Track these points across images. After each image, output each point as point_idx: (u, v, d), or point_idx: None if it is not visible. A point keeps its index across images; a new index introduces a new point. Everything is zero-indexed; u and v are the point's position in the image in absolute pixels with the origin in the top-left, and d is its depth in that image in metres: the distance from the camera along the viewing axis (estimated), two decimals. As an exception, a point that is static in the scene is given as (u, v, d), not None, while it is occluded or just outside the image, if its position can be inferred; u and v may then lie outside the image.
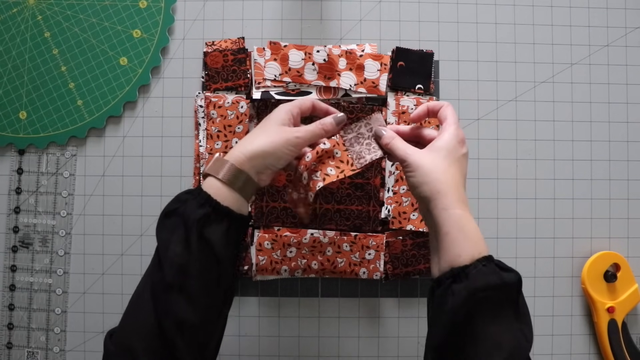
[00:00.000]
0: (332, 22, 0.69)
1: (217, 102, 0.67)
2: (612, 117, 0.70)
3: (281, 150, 0.52)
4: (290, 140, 0.52)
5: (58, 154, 0.69)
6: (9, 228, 0.69)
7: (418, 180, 0.50)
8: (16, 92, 0.68)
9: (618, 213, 0.69)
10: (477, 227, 0.49)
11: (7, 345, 0.68)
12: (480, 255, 0.47)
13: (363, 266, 0.67)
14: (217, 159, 0.51)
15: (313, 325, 0.68)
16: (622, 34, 0.70)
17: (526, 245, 0.69)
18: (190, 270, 0.47)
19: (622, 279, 0.67)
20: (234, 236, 0.50)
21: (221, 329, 0.51)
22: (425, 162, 0.51)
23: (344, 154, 0.56)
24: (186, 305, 0.47)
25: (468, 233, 0.48)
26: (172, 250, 0.47)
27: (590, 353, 0.68)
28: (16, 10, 0.68)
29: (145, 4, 0.68)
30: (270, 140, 0.52)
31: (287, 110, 0.54)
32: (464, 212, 0.49)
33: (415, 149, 0.52)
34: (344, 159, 0.56)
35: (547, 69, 0.70)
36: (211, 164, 0.51)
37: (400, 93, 0.68)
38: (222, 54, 0.68)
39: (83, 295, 0.68)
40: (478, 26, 0.70)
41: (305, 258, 0.67)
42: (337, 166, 0.55)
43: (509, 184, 0.69)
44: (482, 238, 0.49)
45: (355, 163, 0.56)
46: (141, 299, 0.48)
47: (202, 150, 0.67)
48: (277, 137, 0.52)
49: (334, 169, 0.55)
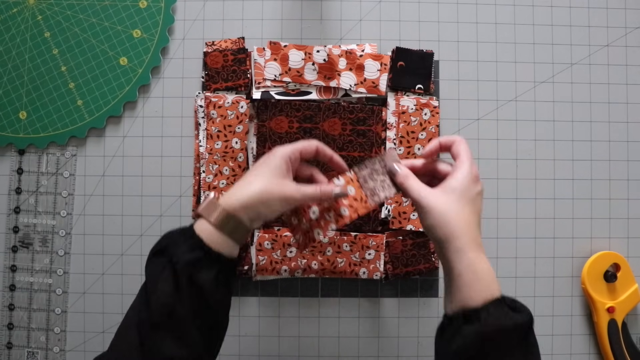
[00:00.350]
0: (332, 22, 0.69)
1: (217, 102, 0.67)
2: (612, 117, 0.70)
3: (275, 205, 0.51)
4: (285, 197, 0.51)
5: (58, 154, 0.69)
6: (9, 228, 0.69)
7: (431, 222, 0.50)
8: (16, 92, 0.68)
9: (618, 213, 0.69)
10: (490, 269, 0.49)
11: (7, 345, 0.68)
12: (493, 297, 0.47)
13: (363, 266, 0.67)
14: (211, 201, 0.51)
15: (313, 325, 0.68)
16: (622, 34, 0.70)
17: (526, 245, 0.69)
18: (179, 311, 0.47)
19: (622, 279, 0.67)
20: (223, 279, 0.50)
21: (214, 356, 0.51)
22: (439, 204, 0.50)
23: (359, 191, 0.55)
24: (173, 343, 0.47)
25: (480, 275, 0.48)
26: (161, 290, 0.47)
27: (590, 353, 0.68)
28: (16, 10, 0.68)
29: (145, 4, 0.68)
30: (265, 191, 0.51)
31: (285, 157, 0.53)
32: (477, 254, 0.49)
33: (429, 190, 0.51)
34: (358, 197, 0.55)
35: (547, 69, 0.70)
36: (204, 206, 0.50)
37: (400, 93, 0.68)
38: (222, 54, 0.68)
39: (83, 295, 0.68)
40: (478, 26, 0.70)
41: (305, 258, 0.67)
42: (351, 205, 0.55)
43: (509, 184, 0.69)
44: (495, 279, 0.49)
45: (369, 200, 0.55)
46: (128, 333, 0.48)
47: (202, 150, 0.67)
48: (273, 190, 0.51)
49: (347, 209, 0.54)
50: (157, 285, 0.48)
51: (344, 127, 0.67)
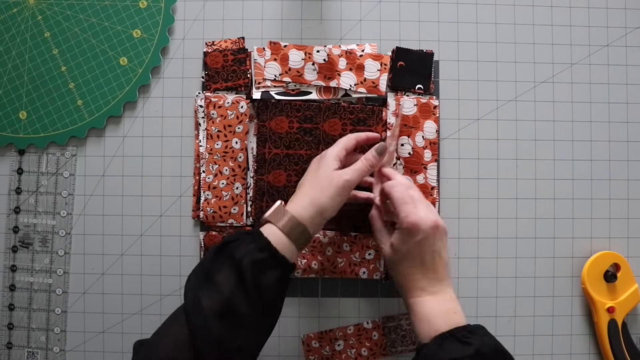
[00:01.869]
0: (332, 22, 0.69)
1: (217, 102, 0.67)
2: (612, 117, 0.70)
3: (336, 200, 0.55)
4: (342, 186, 0.55)
5: (58, 154, 0.69)
6: (9, 228, 0.69)
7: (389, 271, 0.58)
8: (16, 92, 0.68)
9: (618, 213, 0.69)
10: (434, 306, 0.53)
11: (7, 345, 0.68)
12: (437, 334, 0.51)
13: (363, 266, 0.67)
14: (279, 208, 0.54)
15: (313, 325, 0.68)
16: (622, 34, 0.70)
17: (526, 245, 0.69)
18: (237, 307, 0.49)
19: (622, 279, 0.67)
20: (283, 283, 0.53)
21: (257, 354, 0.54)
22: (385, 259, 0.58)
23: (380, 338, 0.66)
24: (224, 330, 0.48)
25: (422, 317, 0.53)
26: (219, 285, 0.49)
27: (590, 353, 0.68)
28: (16, 10, 0.68)
29: (145, 4, 0.68)
30: (326, 195, 0.55)
31: (335, 157, 0.58)
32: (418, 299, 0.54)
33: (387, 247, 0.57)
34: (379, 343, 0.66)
35: (547, 69, 0.70)
36: (272, 212, 0.54)
37: (400, 93, 0.68)
38: (222, 54, 0.68)
39: (83, 295, 0.68)
40: (478, 26, 0.70)
41: (305, 258, 0.67)
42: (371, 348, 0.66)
43: (509, 184, 0.69)
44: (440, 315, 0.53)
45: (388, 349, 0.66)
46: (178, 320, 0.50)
47: (202, 150, 0.67)
48: (331, 189, 0.55)
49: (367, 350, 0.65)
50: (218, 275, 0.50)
51: (344, 128, 0.67)
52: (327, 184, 0.55)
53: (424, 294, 0.54)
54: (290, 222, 0.53)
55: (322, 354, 0.66)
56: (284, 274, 0.52)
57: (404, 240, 0.54)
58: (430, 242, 0.54)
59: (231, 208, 0.67)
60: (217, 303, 0.48)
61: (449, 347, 0.49)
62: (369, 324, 0.67)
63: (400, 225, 0.54)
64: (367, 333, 0.67)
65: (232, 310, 0.49)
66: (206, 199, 0.67)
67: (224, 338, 0.48)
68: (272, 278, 0.51)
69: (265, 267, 0.50)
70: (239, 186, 0.67)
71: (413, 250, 0.54)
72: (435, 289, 0.54)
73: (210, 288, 0.49)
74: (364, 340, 0.67)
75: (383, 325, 0.67)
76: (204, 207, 0.67)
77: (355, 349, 0.66)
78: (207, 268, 0.51)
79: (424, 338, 0.52)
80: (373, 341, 0.67)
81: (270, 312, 0.52)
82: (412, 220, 0.53)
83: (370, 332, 0.67)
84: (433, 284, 0.54)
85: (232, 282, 0.49)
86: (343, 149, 0.59)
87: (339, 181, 0.55)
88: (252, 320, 0.50)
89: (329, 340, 0.67)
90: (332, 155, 0.58)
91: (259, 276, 0.50)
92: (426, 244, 0.54)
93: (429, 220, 0.53)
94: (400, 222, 0.54)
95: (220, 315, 0.48)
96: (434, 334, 0.51)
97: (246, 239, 0.52)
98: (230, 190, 0.67)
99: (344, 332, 0.67)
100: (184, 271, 0.68)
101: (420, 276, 0.54)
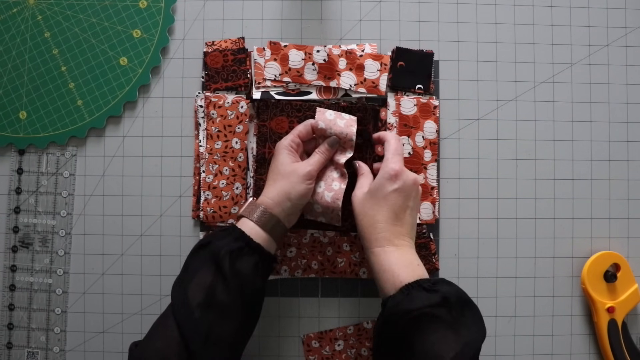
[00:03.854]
0: (332, 22, 0.69)
1: (217, 102, 0.67)
2: (612, 117, 0.70)
3: (301, 187, 0.57)
4: (304, 174, 0.57)
5: (58, 154, 0.69)
6: (9, 228, 0.69)
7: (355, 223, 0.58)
8: (16, 92, 0.68)
9: (618, 213, 0.69)
10: (398, 257, 0.54)
11: (7, 345, 0.68)
12: (402, 284, 0.51)
13: (363, 266, 0.67)
14: (251, 202, 0.58)
15: (313, 325, 0.68)
16: (622, 34, 0.70)
17: (526, 245, 0.69)
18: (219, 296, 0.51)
19: (622, 279, 0.67)
20: (262, 271, 0.55)
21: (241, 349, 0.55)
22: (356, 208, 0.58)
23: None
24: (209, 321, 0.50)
25: (385, 267, 0.53)
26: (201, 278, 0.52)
27: (590, 353, 0.68)
28: (16, 10, 0.68)
29: (145, 4, 0.68)
30: (288, 181, 0.57)
31: (287, 147, 0.59)
32: (382, 249, 0.54)
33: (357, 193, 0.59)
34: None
35: (547, 69, 0.70)
36: (245, 207, 0.57)
37: (400, 93, 0.68)
38: (222, 54, 0.68)
39: (83, 295, 0.68)
40: (478, 26, 0.70)
41: (305, 258, 0.67)
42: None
43: (509, 184, 0.69)
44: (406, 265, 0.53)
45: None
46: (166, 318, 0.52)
47: (202, 150, 0.67)
48: (293, 177, 0.57)
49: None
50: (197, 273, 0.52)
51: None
52: (290, 176, 0.57)
53: (388, 244, 0.55)
54: (263, 215, 0.56)
55: (322, 354, 0.66)
56: (262, 262, 0.55)
57: (383, 185, 0.56)
58: (406, 195, 0.56)
59: (231, 208, 0.67)
60: (200, 294, 0.50)
61: (416, 297, 0.50)
62: (369, 324, 0.67)
63: (384, 170, 0.57)
64: (367, 333, 0.67)
65: (215, 300, 0.51)
66: (206, 199, 0.67)
67: (210, 329, 0.50)
68: (249, 265, 0.53)
69: (241, 255, 0.53)
70: (239, 186, 0.67)
71: (389, 197, 0.56)
72: (399, 242, 0.55)
73: (193, 283, 0.51)
74: (364, 340, 0.67)
75: None
76: (204, 207, 0.67)
77: (355, 349, 0.66)
78: (188, 266, 0.54)
79: (388, 290, 0.52)
80: None
81: (251, 300, 0.54)
82: (398, 168, 0.56)
83: (370, 332, 0.67)
84: (398, 237, 0.55)
85: (212, 274, 0.51)
86: (297, 137, 0.60)
87: (303, 171, 0.57)
88: (235, 309, 0.52)
89: (329, 340, 0.67)
90: (284, 147, 0.59)
91: (235, 264, 0.52)
92: (401, 195, 0.56)
93: (411, 175, 0.57)
94: (387, 168, 0.57)
95: (205, 306, 0.50)
96: (399, 285, 0.51)
97: (221, 234, 0.55)
98: (230, 190, 0.67)
99: (344, 332, 0.67)
100: (184, 271, 0.68)
101: (388, 226, 0.55)
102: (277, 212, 0.56)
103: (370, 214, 0.56)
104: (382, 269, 0.54)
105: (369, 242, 0.56)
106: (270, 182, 0.59)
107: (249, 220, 0.56)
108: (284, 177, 0.57)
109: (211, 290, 0.51)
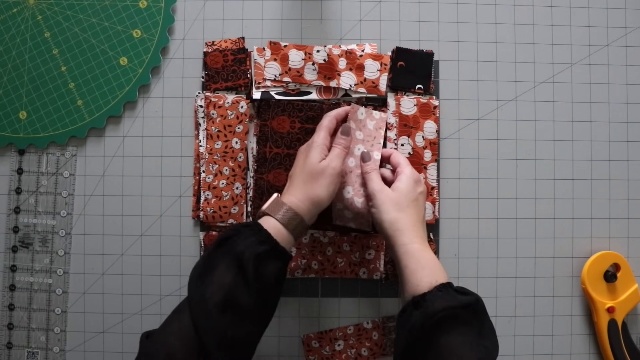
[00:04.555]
0: (332, 22, 0.69)
1: (217, 102, 0.67)
2: (612, 117, 0.70)
3: (331, 189, 0.57)
4: (332, 175, 0.57)
5: (58, 154, 0.69)
6: (9, 228, 0.69)
7: (380, 217, 0.56)
8: (16, 92, 0.68)
9: (618, 213, 0.69)
10: (434, 257, 0.54)
11: (7, 345, 0.68)
12: (438, 283, 0.51)
13: (363, 266, 0.67)
14: (276, 200, 0.56)
15: (313, 325, 0.68)
16: (622, 34, 0.70)
17: (526, 245, 0.69)
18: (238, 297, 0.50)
19: (622, 279, 0.67)
20: (282, 274, 0.54)
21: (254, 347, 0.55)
22: (388, 201, 0.56)
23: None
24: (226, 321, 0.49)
25: (425, 263, 0.53)
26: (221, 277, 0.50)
27: (590, 353, 0.68)
28: (16, 10, 0.68)
29: (145, 4, 0.68)
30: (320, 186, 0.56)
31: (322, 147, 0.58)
32: (421, 246, 0.54)
33: (384, 187, 0.58)
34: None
35: (547, 69, 0.70)
36: (270, 204, 0.55)
37: (400, 93, 0.68)
38: (222, 54, 0.68)
39: (83, 295, 0.68)
40: (478, 26, 0.70)
41: (305, 258, 0.67)
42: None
43: (509, 184, 0.69)
44: (440, 266, 0.54)
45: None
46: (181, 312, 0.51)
47: (202, 150, 0.67)
48: (325, 180, 0.56)
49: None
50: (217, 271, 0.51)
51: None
52: (319, 176, 0.56)
53: (425, 244, 0.55)
54: (288, 214, 0.54)
55: (322, 354, 0.66)
56: (283, 266, 0.54)
57: (412, 188, 0.57)
58: (423, 200, 0.59)
59: (231, 208, 0.67)
60: (219, 295, 0.49)
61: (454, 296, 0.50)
62: (369, 324, 0.67)
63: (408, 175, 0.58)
64: (367, 333, 0.67)
65: (234, 302, 0.50)
66: (206, 199, 0.67)
67: (227, 329, 0.49)
68: (273, 270, 0.52)
69: (266, 260, 0.51)
70: (239, 186, 0.67)
71: (417, 199, 0.57)
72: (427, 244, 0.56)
73: (212, 281, 0.50)
74: (364, 340, 0.67)
75: (383, 325, 0.67)
76: (204, 207, 0.67)
77: (355, 349, 0.66)
78: (208, 262, 0.52)
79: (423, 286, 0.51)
80: (373, 341, 0.67)
81: (269, 303, 0.54)
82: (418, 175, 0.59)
83: (370, 332, 0.67)
84: (425, 239, 0.57)
85: (233, 275, 0.50)
86: (328, 135, 0.59)
87: (331, 172, 0.57)
88: (253, 311, 0.51)
89: (329, 340, 0.67)
90: (319, 145, 0.58)
91: (259, 268, 0.51)
92: (422, 200, 0.58)
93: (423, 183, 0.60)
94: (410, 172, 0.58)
95: (223, 307, 0.49)
96: (435, 283, 0.51)
97: (245, 232, 0.53)
98: (230, 190, 0.67)
99: (344, 332, 0.67)
100: (184, 271, 0.68)
101: (420, 226, 0.56)
102: (302, 212, 0.55)
103: (408, 212, 0.56)
104: (420, 265, 0.53)
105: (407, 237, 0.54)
106: (297, 180, 0.57)
107: (273, 218, 0.54)
108: (313, 176, 0.56)
109: (231, 291, 0.50)
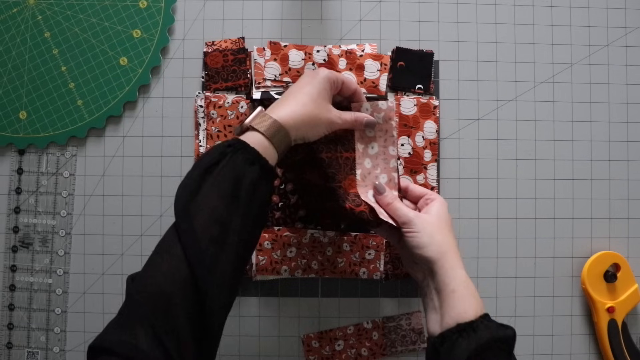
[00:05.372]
0: (332, 22, 0.69)
1: (217, 102, 0.67)
2: (612, 117, 0.70)
3: (320, 128, 0.54)
4: (331, 122, 0.55)
5: (58, 154, 0.69)
6: (9, 228, 0.69)
7: (423, 241, 0.54)
8: (16, 92, 0.68)
9: (618, 213, 0.69)
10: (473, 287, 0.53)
11: (7, 345, 0.68)
12: (482, 312, 0.50)
13: (363, 266, 0.67)
14: (260, 113, 0.51)
15: (313, 325, 0.68)
16: (622, 34, 0.70)
17: (526, 245, 0.69)
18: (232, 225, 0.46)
19: (622, 279, 0.67)
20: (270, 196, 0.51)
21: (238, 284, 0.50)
22: (429, 224, 0.54)
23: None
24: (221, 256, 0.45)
25: (473, 291, 0.52)
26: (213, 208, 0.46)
27: (590, 353, 0.68)
28: (16, 10, 0.68)
29: (145, 4, 0.68)
30: (313, 113, 0.53)
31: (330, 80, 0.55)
32: (464, 271, 0.53)
33: (417, 212, 0.56)
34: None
35: (547, 69, 0.70)
36: (255, 118, 0.51)
37: (400, 93, 0.68)
38: (222, 54, 0.68)
39: (83, 295, 0.68)
40: (478, 26, 0.70)
41: (305, 258, 0.67)
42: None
43: (509, 184, 0.69)
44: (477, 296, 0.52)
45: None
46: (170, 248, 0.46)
47: (202, 150, 0.67)
48: (320, 113, 0.53)
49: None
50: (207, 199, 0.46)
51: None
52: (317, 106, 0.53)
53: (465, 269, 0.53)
54: (273, 127, 0.50)
55: (322, 354, 0.66)
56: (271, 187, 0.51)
57: (447, 214, 0.57)
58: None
59: (231, 208, 0.67)
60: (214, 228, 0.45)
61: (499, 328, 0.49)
62: (369, 324, 0.67)
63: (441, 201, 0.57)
64: (367, 333, 0.67)
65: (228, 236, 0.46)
66: (206, 199, 0.67)
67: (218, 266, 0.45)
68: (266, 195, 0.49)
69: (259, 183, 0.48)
70: (239, 186, 0.67)
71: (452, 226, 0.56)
72: None
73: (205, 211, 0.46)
74: (364, 340, 0.67)
75: (383, 325, 0.67)
76: (204, 207, 0.67)
77: (355, 349, 0.66)
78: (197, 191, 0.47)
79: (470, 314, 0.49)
80: (373, 341, 0.67)
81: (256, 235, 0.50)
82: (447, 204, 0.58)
83: (370, 332, 0.67)
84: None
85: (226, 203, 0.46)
86: (340, 81, 0.57)
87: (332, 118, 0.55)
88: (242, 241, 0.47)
89: (329, 340, 0.67)
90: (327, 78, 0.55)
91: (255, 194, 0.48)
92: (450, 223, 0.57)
93: None
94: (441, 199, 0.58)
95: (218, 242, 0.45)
96: (480, 312, 0.50)
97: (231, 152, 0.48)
98: (230, 190, 0.67)
99: (344, 332, 0.67)
100: (184, 271, 0.68)
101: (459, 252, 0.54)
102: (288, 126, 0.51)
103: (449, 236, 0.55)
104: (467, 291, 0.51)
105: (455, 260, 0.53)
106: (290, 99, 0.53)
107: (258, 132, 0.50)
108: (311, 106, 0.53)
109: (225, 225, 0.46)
